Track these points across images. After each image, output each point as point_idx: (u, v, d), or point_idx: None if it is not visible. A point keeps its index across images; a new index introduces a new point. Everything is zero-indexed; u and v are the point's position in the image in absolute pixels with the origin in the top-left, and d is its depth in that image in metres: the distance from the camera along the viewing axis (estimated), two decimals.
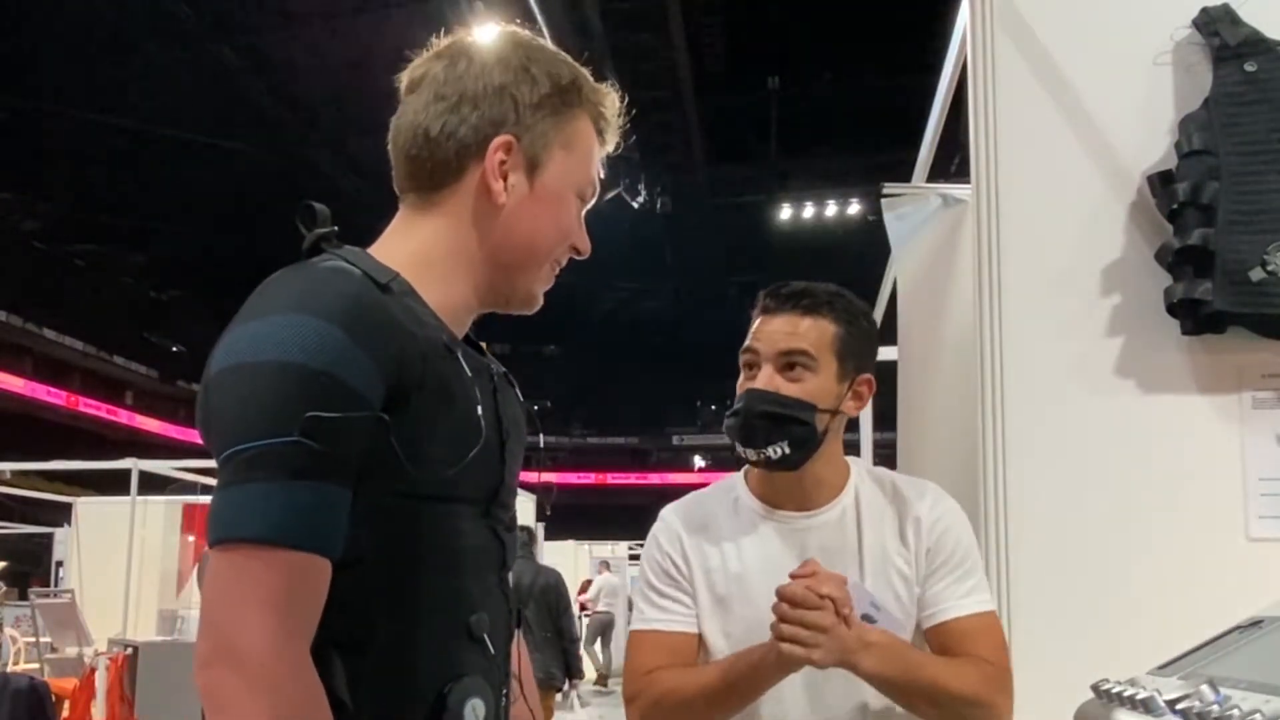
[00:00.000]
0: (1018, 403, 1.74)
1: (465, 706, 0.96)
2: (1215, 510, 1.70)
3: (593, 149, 1.14)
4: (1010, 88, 1.81)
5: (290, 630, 0.86)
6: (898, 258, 2.78)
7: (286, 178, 19.24)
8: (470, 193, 1.07)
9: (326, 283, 0.95)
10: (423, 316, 1.00)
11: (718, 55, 19.19)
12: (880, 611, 1.43)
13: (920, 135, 2.70)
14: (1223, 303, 1.62)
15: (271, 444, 0.87)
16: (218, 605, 0.87)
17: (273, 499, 0.87)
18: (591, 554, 16.37)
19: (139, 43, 17.15)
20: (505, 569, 1.09)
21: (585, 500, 34.02)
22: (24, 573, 13.41)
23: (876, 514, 1.52)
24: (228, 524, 0.88)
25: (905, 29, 14.53)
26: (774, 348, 1.47)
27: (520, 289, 1.12)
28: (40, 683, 5.23)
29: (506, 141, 1.07)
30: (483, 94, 1.07)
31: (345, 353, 0.90)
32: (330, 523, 0.90)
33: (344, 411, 0.89)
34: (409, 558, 0.96)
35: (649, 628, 1.52)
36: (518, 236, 1.08)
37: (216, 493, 0.90)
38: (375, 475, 0.93)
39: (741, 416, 1.47)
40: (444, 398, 0.98)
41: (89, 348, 30.45)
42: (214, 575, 0.88)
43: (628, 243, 22.42)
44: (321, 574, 0.90)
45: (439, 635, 0.98)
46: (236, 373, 0.91)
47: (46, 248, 25.33)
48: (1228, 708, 0.79)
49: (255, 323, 0.92)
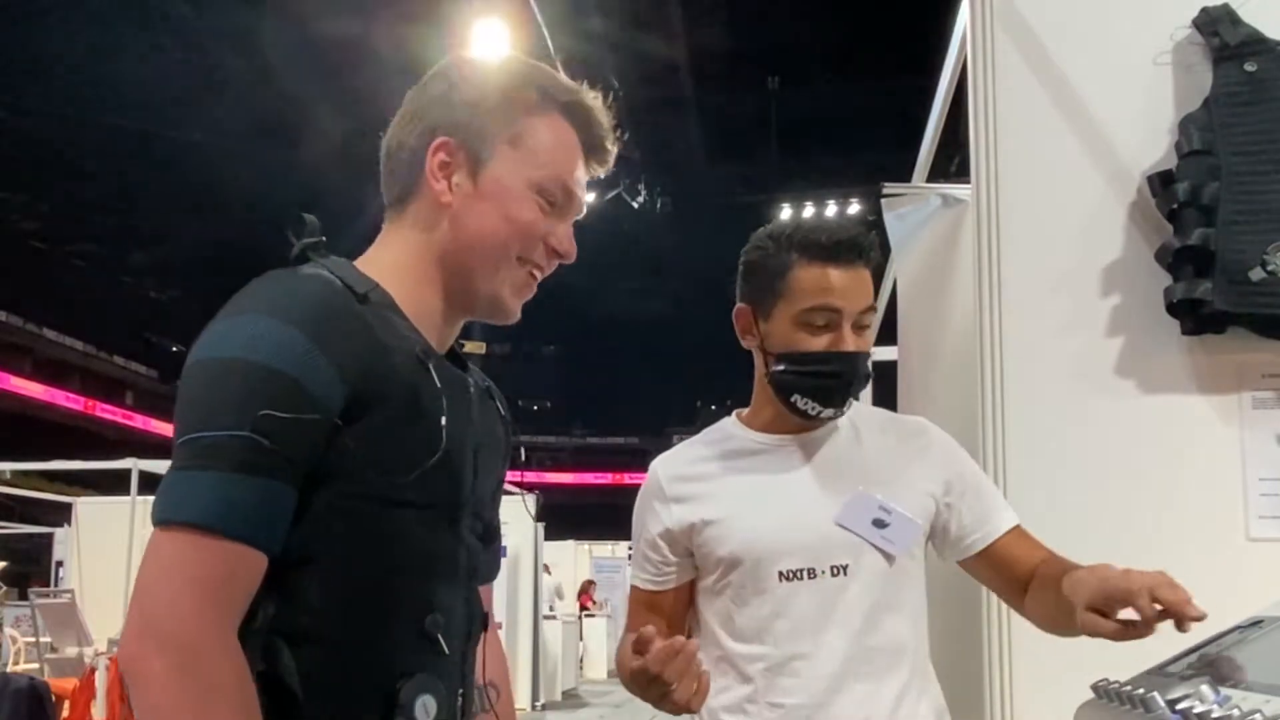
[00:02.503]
0: (1018, 403, 1.75)
1: (416, 703, 0.98)
2: (1215, 510, 1.70)
3: (561, 148, 1.13)
4: (1010, 88, 1.81)
5: (218, 614, 0.89)
6: (898, 258, 2.78)
7: (286, 178, 19.24)
8: (424, 200, 1.10)
9: (300, 289, 0.99)
10: (399, 328, 1.04)
11: (718, 55, 19.18)
12: (891, 514, 1.45)
13: (920, 135, 2.70)
14: (1223, 303, 1.62)
15: (225, 435, 0.91)
16: (150, 583, 0.89)
17: (217, 488, 0.90)
18: (592, 554, 16.38)
19: (139, 43, 17.14)
20: (473, 578, 1.11)
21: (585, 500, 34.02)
22: (24, 573, 13.40)
23: (877, 430, 1.54)
24: (172, 506, 0.91)
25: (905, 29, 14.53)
26: (856, 306, 1.44)
27: (481, 292, 1.11)
28: (40, 683, 5.23)
29: (444, 142, 1.09)
30: (429, 104, 1.11)
31: (307, 357, 0.94)
32: (270, 518, 0.92)
33: (298, 413, 0.93)
34: (364, 558, 0.98)
35: (633, 583, 1.60)
36: (465, 235, 1.09)
37: (167, 474, 0.93)
38: (334, 477, 0.96)
39: (844, 380, 1.44)
40: (410, 408, 1.00)
41: (89, 348, 30.46)
42: (150, 553, 0.90)
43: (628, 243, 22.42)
44: (254, 566, 0.92)
45: (392, 633, 1.00)
46: (202, 366, 0.95)
47: (46, 248, 25.33)
48: (1228, 708, 0.79)
49: (228, 321, 0.96)
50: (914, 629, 1.48)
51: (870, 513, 1.44)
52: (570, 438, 46.77)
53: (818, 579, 1.44)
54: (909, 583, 1.48)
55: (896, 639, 1.45)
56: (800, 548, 1.45)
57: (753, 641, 1.46)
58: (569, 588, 14.58)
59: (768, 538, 1.45)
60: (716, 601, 1.51)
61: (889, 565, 1.45)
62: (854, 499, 1.45)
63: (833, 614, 1.43)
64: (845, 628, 1.43)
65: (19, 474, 11.56)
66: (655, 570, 1.55)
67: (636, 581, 1.59)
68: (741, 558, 1.46)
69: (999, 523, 1.48)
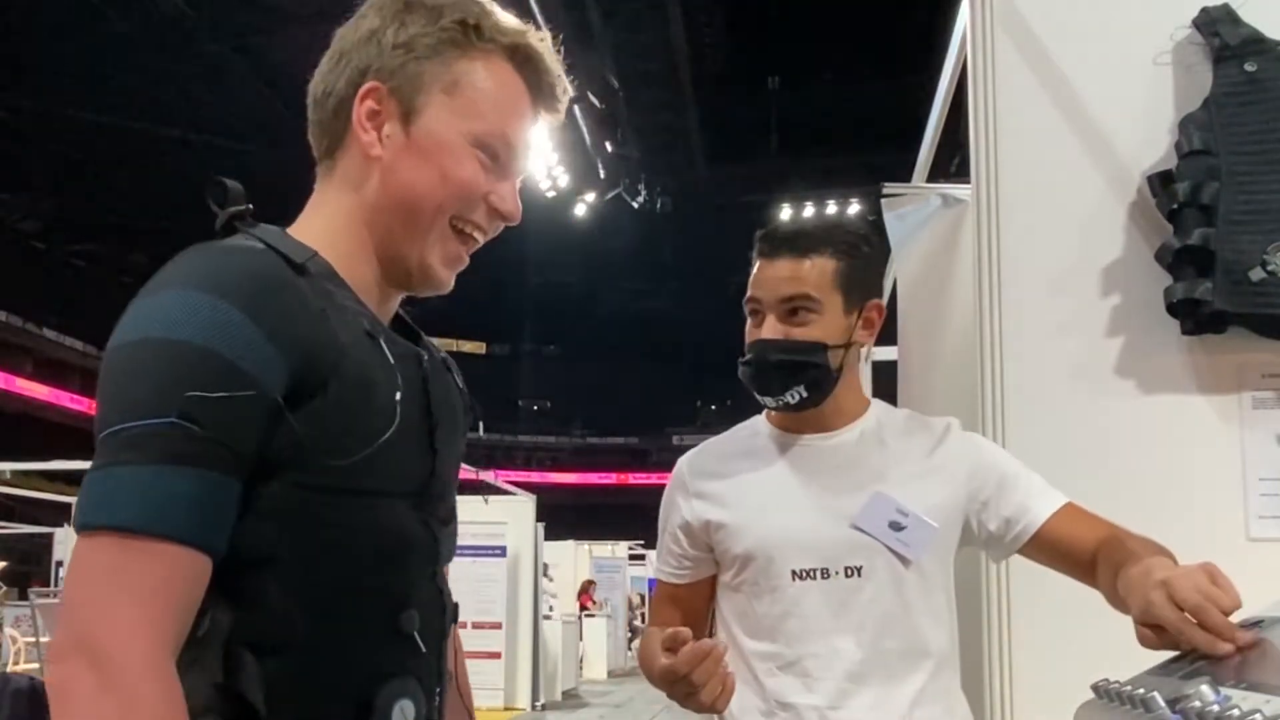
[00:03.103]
0: (1018, 403, 1.75)
1: (394, 708, 0.92)
2: (1215, 510, 1.69)
3: (503, 96, 1.02)
4: (1010, 88, 1.81)
5: (156, 630, 0.79)
6: (898, 258, 2.78)
7: (286, 178, 19.23)
8: (351, 153, 1.00)
9: (228, 260, 0.88)
10: (341, 300, 0.94)
11: (718, 55, 19.20)
12: (909, 517, 1.43)
13: (920, 135, 2.70)
14: (1223, 303, 1.62)
15: (147, 424, 0.81)
16: (78, 597, 0.80)
17: (144, 484, 0.80)
18: (592, 554, 16.38)
19: (139, 43, 17.15)
20: (438, 563, 1.03)
21: (585, 500, 34.04)
22: (24, 573, 13.41)
23: (901, 434, 1.53)
24: (94, 509, 0.81)
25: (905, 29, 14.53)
26: (775, 294, 1.46)
27: (411, 257, 1.00)
28: (40, 683, 5.21)
29: (373, 87, 0.98)
30: (355, 44, 0.99)
31: (240, 332, 0.84)
32: (210, 514, 0.82)
33: (230, 391, 0.82)
34: (328, 553, 0.89)
35: (658, 575, 1.62)
36: (395, 190, 0.98)
37: (87, 474, 0.83)
38: (285, 466, 0.86)
39: (754, 367, 1.47)
40: (360, 387, 0.91)
41: (89, 348, 30.45)
42: (77, 563, 0.80)
43: (628, 243, 22.43)
44: (195, 568, 0.82)
45: (365, 634, 0.92)
46: (120, 351, 0.85)
47: (46, 248, 25.33)
48: (1228, 708, 0.79)
49: (148, 300, 0.86)
50: (935, 634, 1.46)
51: (887, 515, 1.43)
52: (570, 438, 46.78)
53: (831, 579, 1.43)
54: (929, 587, 1.46)
55: (913, 643, 1.44)
56: (814, 548, 1.44)
57: (765, 640, 1.46)
58: (569, 588, 14.58)
59: (782, 536, 1.45)
60: (733, 598, 1.51)
61: (905, 568, 1.43)
62: (871, 501, 1.45)
63: (845, 615, 1.43)
64: (858, 630, 1.42)
65: (19, 474, 11.57)
66: (676, 563, 1.57)
67: (659, 574, 1.61)
68: (755, 555, 1.46)
69: (1040, 510, 1.45)
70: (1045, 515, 1.44)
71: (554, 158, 18.23)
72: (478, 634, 9.53)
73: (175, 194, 21.59)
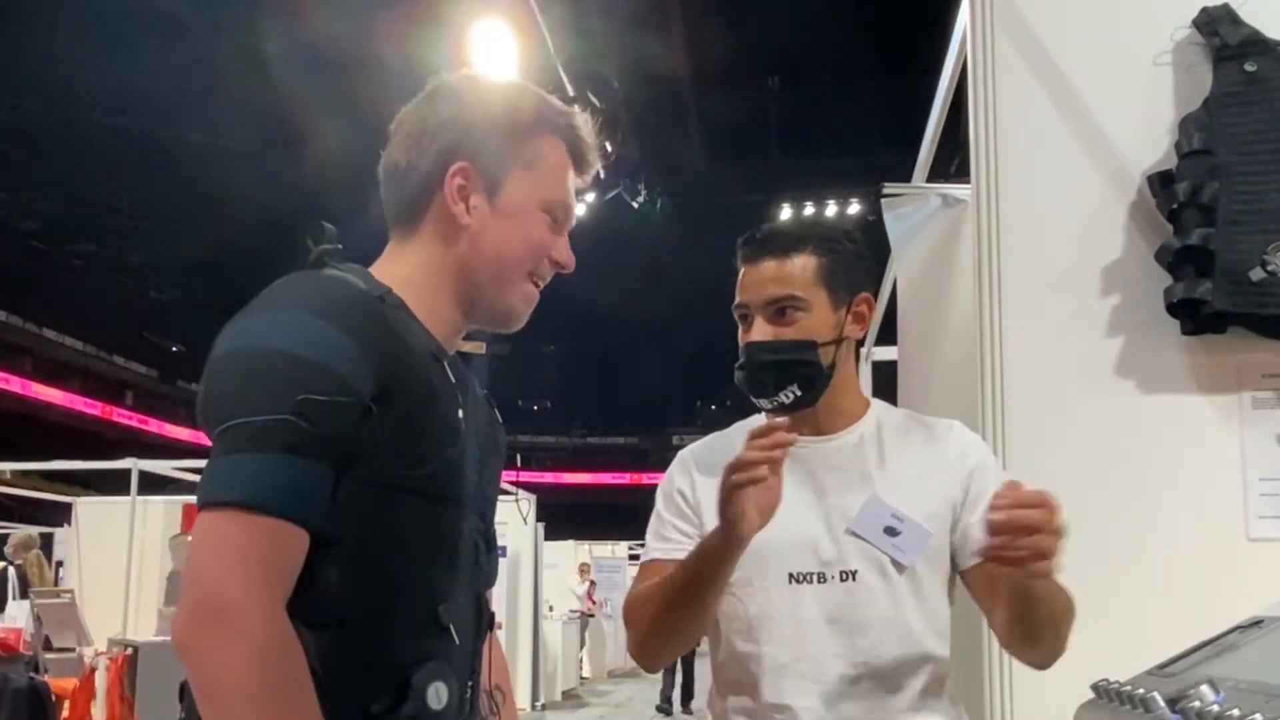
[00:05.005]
0: (1018, 403, 1.74)
1: (429, 689, 1.01)
2: (1215, 510, 1.69)
3: (562, 169, 1.21)
4: (1010, 88, 1.81)
5: (268, 590, 0.92)
6: (898, 258, 2.78)
7: (286, 177, 19.24)
8: (440, 218, 1.15)
9: (329, 288, 1.05)
10: (413, 327, 1.09)
11: (718, 55, 19.20)
12: (904, 523, 1.43)
13: (920, 135, 2.70)
14: (1223, 303, 1.62)
15: (266, 419, 0.94)
16: (202, 563, 0.92)
17: (262, 468, 0.93)
18: (592, 554, 16.37)
19: (139, 43, 17.15)
20: (478, 579, 1.15)
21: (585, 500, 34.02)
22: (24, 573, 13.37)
23: (900, 436, 1.52)
24: (217, 488, 0.93)
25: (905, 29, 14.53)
26: (761, 297, 1.47)
27: (499, 304, 1.18)
28: (40, 683, 5.23)
29: (463, 167, 1.14)
30: (440, 126, 1.15)
31: (340, 348, 0.98)
32: (313, 497, 0.96)
33: (334, 396, 0.97)
34: (385, 544, 1.01)
35: (650, 558, 1.54)
36: (485, 254, 1.15)
37: (209, 462, 0.96)
38: (362, 463, 0.99)
39: (746, 370, 1.48)
40: (429, 400, 1.05)
41: (89, 348, 30.48)
42: (200, 535, 0.93)
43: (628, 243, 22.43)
44: (300, 543, 0.95)
45: (407, 621, 1.03)
46: (238, 356, 0.99)
47: (46, 248, 25.33)
48: (1228, 708, 0.79)
49: (261, 315, 1.01)
50: (929, 637, 1.45)
51: (882, 520, 1.43)
52: (570, 438, 46.78)
53: (827, 583, 1.43)
54: (924, 591, 1.45)
55: (908, 647, 1.43)
56: (810, 551, 1.44)
57: (760, 643, 1.46)
58: (569, 588, 14.57)
59: (778, 539, 1.43)
60: (728, 600, 1.50)
61: (900, 573, 1.43)
62: (867, 505, 1.44)
63: (840, 619, 1.43)
64: (852, 634, 1.42)
65: (19, 474, 11.56)
66: (676, 535, 1.51)
67: (649, 554, 1.54)
68: (752, 557, 1.44)
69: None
70: None
71: None
72: None
73: (176, 194, 21.62)
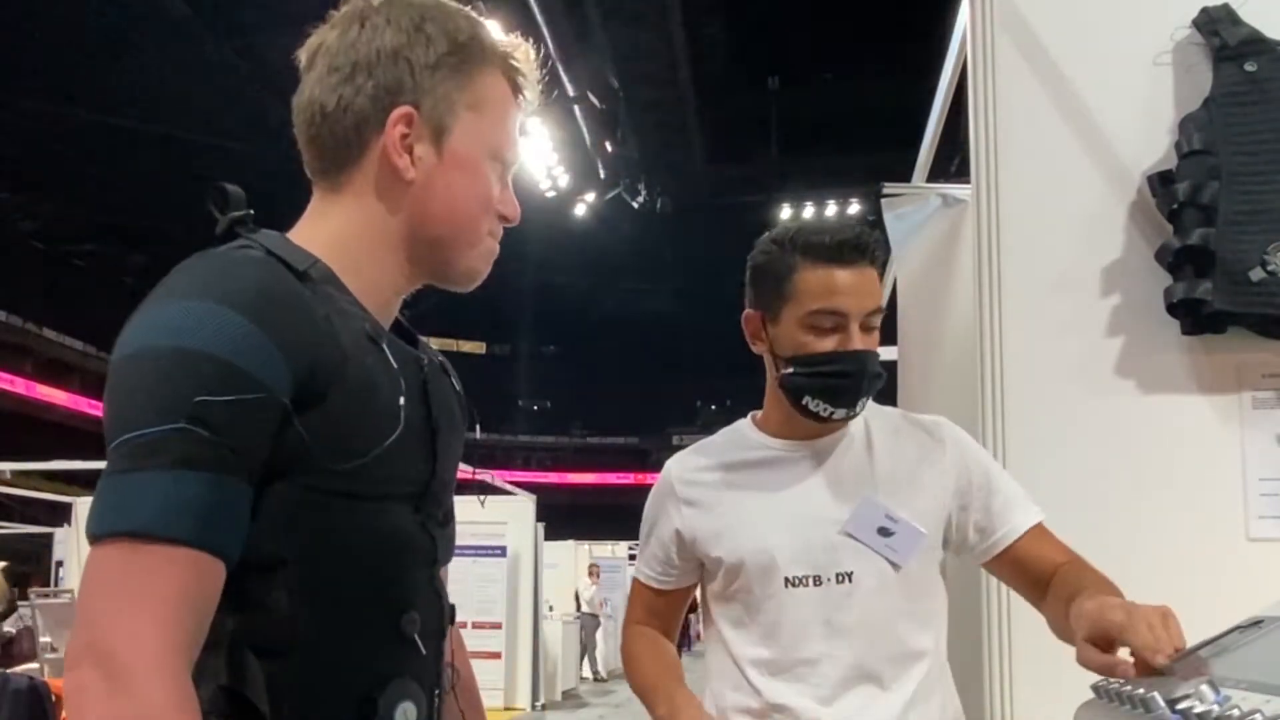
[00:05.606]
0: (1018, 403, 1.74)
1: (396, 710, 0.93)
2: (1215, 510, 1.69)
3: (506, 107, 1.05)
4: (1010, 88, 1.81)
5: (167, 633, 0.78)
6: (898, 258, 2.78)
7: (286, 177, 19.25)
8: (377, 170, 1.00)
9: (234, 269, 0.89)
10: (344, 305, 0.94)
11: (718, 55, 19.20)
12: (898, 523, 1.44)
13: (920, 135, 2.70)
14: (1223, 303, 1.62)
15: (159, 431, 0.80)
16: (91, 602, 0.79)
17: (157, 489, 0.80)
18: (592, 554, 16.38)
19: (139, 43, 17.15)
20: (436, 565, 1.04)
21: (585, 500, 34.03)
22: (24, 573, 13.40)
23: (890, 437, 1.53)
24: (106, 516, 0.80)
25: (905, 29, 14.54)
26: (862, 308, 1.43)
27: (458, 266, 1.04)
28: (40, 683, 5.22)
29: (406, 113, 0.98)
30: (375, 60, 0.99)
31: (248, 340, 0.84)
32: (224, 518, 0.82)
33: (238, 394, 0.83)
34: (333, 557, 0.90)
35: (638, 576, 1.64)
36: (436, 211, 1.01)
37: (100, 482, 0.82)
38: (293, 471, 0.87)
39: (854, 379, 1.43)
40: (364, 391, 0.92)
41: (89, 348, 30.46)
42: (90, 570, 0.80)
43: (628, 243, 22.43)
44: (211, 570, 0.82)
45: (367, 636, 0.93)
46: (128, 360, 0.84)
47: (46, 248, 25.34)
48: (1228, 708, 0.79)
49: (155, 309, 0.86)
50: (924, 637, 1.47)
51: (876, 521, 1.44)
52: (570, 438, 46.78)
53: (823, 586, 1.44)
54: (921, 591, 1.47)
55: (905, 647, 1.44)
56: (805, 555, 1.45)
57: (758, 646, 1.47)
58: (569, 588, 14.57)
59: (774, 544, 1.45)
60: (726, 605, 1.52)
61: (895, 573, 1.44)
62: (860, 507, 1.45)
63: (837, 621, 1.44)
64: (850, 635, 1.43)
65: (19, 474, 11.57)
66: (661, 569, 1.58)
67: (641, 576, 1.62)
68: (748, 564, 1.47)
69: (1017, 523, 1.46)
70: (1020, 531, 1.46)
71: (554, 158, 18.23)
72: (478, 634, 9.53)
73: (176, 194, 21.61)
